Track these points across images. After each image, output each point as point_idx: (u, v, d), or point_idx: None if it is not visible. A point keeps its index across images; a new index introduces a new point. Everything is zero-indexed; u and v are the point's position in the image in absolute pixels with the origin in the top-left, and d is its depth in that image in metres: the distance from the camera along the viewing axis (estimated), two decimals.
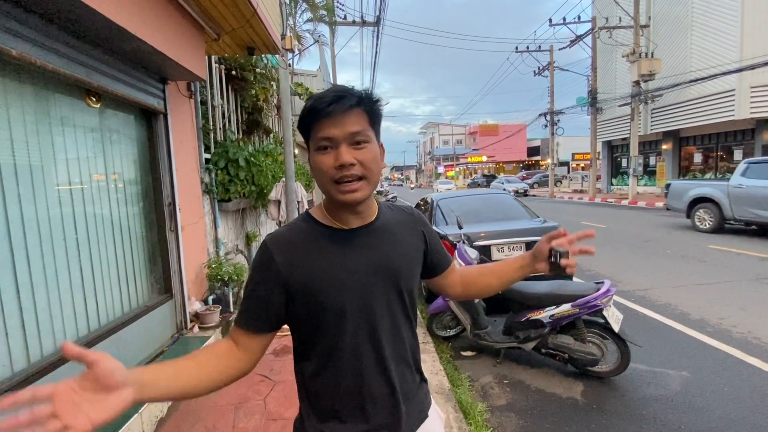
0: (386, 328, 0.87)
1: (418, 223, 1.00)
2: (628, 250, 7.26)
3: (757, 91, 13.99)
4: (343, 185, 0.80)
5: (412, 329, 0.95)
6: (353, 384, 0.85)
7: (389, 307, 0.88)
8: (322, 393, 0.87)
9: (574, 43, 19.85)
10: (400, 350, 0.90)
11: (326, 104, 0.78)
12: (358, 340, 0.85)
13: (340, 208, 0.86)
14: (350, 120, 0.79)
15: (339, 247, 0.86)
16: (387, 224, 0.93)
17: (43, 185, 2.11)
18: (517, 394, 2.86)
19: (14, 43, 1.78)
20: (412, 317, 0.94)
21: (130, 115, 2.92)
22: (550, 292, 2.97)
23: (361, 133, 0.80)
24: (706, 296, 4.63)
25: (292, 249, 0.84)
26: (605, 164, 23.60)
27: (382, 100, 0.86)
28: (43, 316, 2.07)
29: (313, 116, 0.80)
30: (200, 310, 3.47)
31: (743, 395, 2.68)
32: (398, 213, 0.99)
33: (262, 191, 4.90)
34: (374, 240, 0.88)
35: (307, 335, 0.87)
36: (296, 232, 0.88)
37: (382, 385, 0.87)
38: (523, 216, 4.85)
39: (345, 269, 0.84)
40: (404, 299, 0.90)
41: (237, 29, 3.44)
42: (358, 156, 0.79)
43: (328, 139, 0.79)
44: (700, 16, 15.86)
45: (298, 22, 12.50)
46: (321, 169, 0.81)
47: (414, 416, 0.93)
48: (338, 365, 0.85)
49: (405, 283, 0.90)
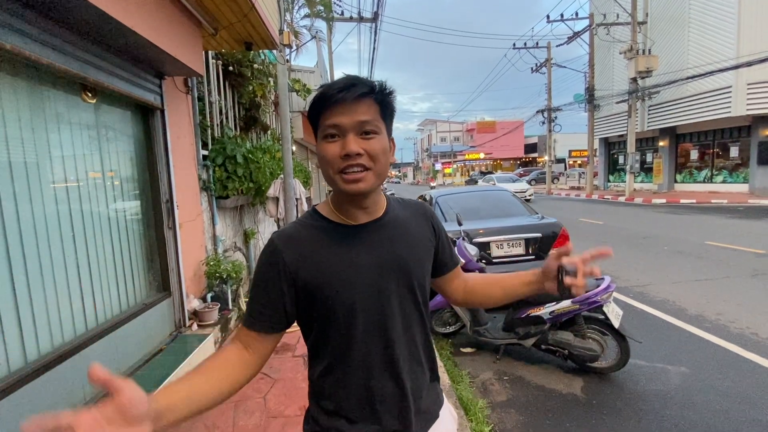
0: (397, 326, 0.85)
1: (428, 217, 0.97)
2: (625, 247, 7.29)
3: (754, 88, 14.05)
4: (348, 174, 0.77)
5: (425, 327, 0.92)
6: (363, 383, 0.83)
7: (401, 305, 0.85)
8: (332, 392, 0.85)
9: (571, 40, 19.84)
10: (411, 349, 0.88)
11: (336, 90, 0.75)
12: (369, 339, 0.83)
13: (346, 201, 0.84)
14: (360, 109, 0.76)
15: (347, 244, 0.83)
16: (396, 219, 0.90)
17: (38, 182, 2.08)
18: (518, 390, 2.86)
19: (7, 36, 1.74)
20: (424, 314, 0.91)
21: (126, 110, 2.89)
22: None
23: (370, 123, 0.77)
24: (703, 292, 4.66)
25: (301, 246, 0.82)
26: (602, 161, 23.68)
27: (395, 93, 0.82)
28: (41, 315, 2.04)
29: (322, 103, 0.77)
30: (199, 308, 3.45)
31: (741, 390, 2.70)
32: (408, 207, 0.96)
33: (260, 188, 4.87)
34: (383, 235, 0.86)
35: (317, 333, 0.86)
36: (303, 229, 0.86)
37: (392, 384, 0.84)
38: (522, 213, 4.85)
39: (354, 266, 0.82)
40: (416, 296, 0.88)
41: (234, 24, 3.40)
42: (366, 146, 0.77)
43: (335, 126, 0.77)
44: (697, 13, 15.89)
45: (296, 17, 12.41)
46: (326, 157, 0.78)
47: (425, 417, 0.90)
48: (348, 363, 0.83)
49: (417, 279, 0.87)
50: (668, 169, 18.67)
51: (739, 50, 13.97)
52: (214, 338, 3.30)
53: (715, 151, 17.26)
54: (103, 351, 2.39)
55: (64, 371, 2.10)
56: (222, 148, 4.22)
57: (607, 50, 20.02)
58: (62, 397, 2.09)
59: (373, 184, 0.80)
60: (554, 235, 4.25)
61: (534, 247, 4.22)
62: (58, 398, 2.06)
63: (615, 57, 19.51)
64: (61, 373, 2.08)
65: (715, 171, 17.22)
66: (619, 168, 22.43)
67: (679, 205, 13.71)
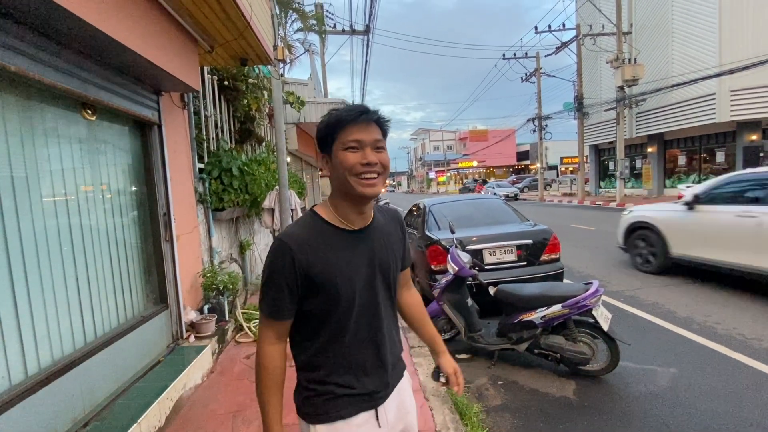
0: (381, 311, 1.08)
1: (399, 224, 1.21)
2: (616, 252, 7.41)
3: (737, 95, 14.45)
4: (365, 179, 0.97)
5: (395, 312, 1.20)
6: (353, 356, 1.05)
7: (383, 295, 1.09)
8: (326, 365, 1.04)
9: (559, 50, 20.29)
10: (388, 328, 1.12)
11: (357, 114, 0.97)
12: (361, 322, 1.04)
13: (352, 204, 1.02)
14: (373, 130, 0.99)
15: (347, 246, 1.03)
16: (380, 225, 1.12)
17: (39, 197, 2.13)
18: (512, 395, 2.92)
19: (11, 58, 1.81)
20: (395, 302, 1.18)
21: (125, 126, 2.95)
22: (540, 294, 3.05)
23: (381, 141, 1.00)
24: (692, 295, 4.77)
25: (309, 247, 0.99)
26: (593, 167, 24.02)
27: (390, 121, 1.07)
28: (40, 328, 2.07)
29: (341, 124, 0.98)
30: (196, 320, 3.47)
31: (728, 389, 2.78)
32: (386, 215, 1.19)
33: (256, 200, 4.93)
34: (372, 240, 1.07)
35: (317, 319, 1.03)
36: (309, 230, 1.02)
37: (375, 356, 1.08)
38: (514, 220, 4.94)
39: (353, 266, 1.02)
40: (391, 288, 1.12)
41: (231, 41, 3.50)
42: (379, 158, 0.99)
43: (357, 141, 0.97)
44: (680, 23, 16.38)
45: (289, 31, 12.61)
46: (347, 163, 0.97)
47: (395, 377, 1.16)
48: (342, 342, 1.03)
49: (393, 275, 1.12)
50: (657, 174, 19.01)
51: (721, 59, 14.39)
52: (211, 350, 3.32)
53: (702, 156, 17.63)
54: (102, 364, 2.42)
55: (65, 384, 2.13)
56: (218, 160, 4.29)
57: (595, 59, 20.47)
58: (62, 410, 2.11)
59: (381, 188, 1.02)
60: (545, 242, 4.35)
61: (525, 254, 4.31)
62: (59, 411, 2.08)
63: (602, 66, 19.95)
64: (62, 386, 2.11)
65: (702, 176, 17.53)
66: (609, 174, 22.76)
67: None
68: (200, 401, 2.79)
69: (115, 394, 2.50)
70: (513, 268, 4.26)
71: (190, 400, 2.80)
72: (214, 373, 3.22)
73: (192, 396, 2.86)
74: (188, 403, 2.76)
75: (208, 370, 3.22)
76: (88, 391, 2.30)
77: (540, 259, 4.32)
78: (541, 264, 4.33)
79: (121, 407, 2.39)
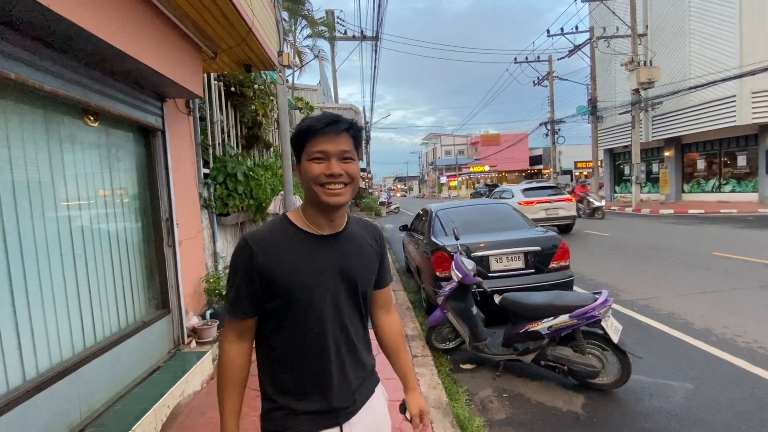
0: (346, 324, 1.04)
1: (377, 238, 1.17)
2: (631, 259, 7.19)
3: (759, 97, 13.98)
4: (329, 189, 0.96)
5: (364, 323, 1.14)
6: (312, 367, 1.01)
7: (347, 305, 1.05)
8: (285, 375, 1.02)
9: (572, 53, 20.02)
10: (353, 340, 1.07)
11: (323, 125, 0.96)
12: (320, 331, 1.00)
13: (320, 212, 1.01)
14: (341, 140, 0.97)
15: (311, 250, 1.01)
16: (352, 234, 1.09)
17: (40, 203, 2.14)
18: (517, 408, 2.81)
19: (12, 66, 1.83)
20: (364, 314, 1.12)
21: (128, 132, 2.98)
22: (547, 303, 2.94)
23: (349, 152, 0.99)
24: (710, 305, 4.56)
25: (270, 247, 0.98)
26: (608, 172, 23.55)
27: (363, 129, 1.05)
28: (40, 332, 2.07)
29: (309, 134, 0.97)
30: (198, 325, 3.47)
31: (748, 407, 2.62)
32: (363, 226, 1.16)
33: (261, 205, 4.94)
34: (341, 247, 1.05)
35: (275, 323, 1.01)
36: (274, 232, 1.02)
37: (337, 367, 1.03)
38: (523, 226, 4.83)
39: (315, 270, 0.99)
40: (359, 299, 1.07)
41: (233, 47, 3.51)
42: (346, 168, 0.98)
43: (322, 152, 0.96)
44: (697, 24, 15.98)
45: (298, 38, 12.73)
46: (312, 173, 0.97)
47: (362, 393, 1.10)
48: (300, 352, 1.01)
49: (362, 286, 1.07)
50: (675, 179, 18.50)
51: (742, 59, 13.97)
52: (212, 355, 3.30)
53: (723, 161, 17.09)
54: (101, 369, 2.41)
55: (62, 389, 2.12)
56: (223, 166, 4.31)
57: (609, 62, 20.14)
58: (59, 414, 2.10)
59: (349, 198, 1.00)
60: (554, 249, 4.23)
61: (533, 261, 4.19)
62: (56, 416, 2.08)
63: (617, 69, 19.62)
64: (59, 391, 2.10)
65: (723, 180, 17.01)
66: (625, 179, 22.28)
67: (687, 216, 13.54)
68: (198, 408, 2.77)
69: (113, 400, 2.49)
70: (520, 276, 4.14)
71: (188, 407, 2.78)
72: (214, 380, 3.19)
73: (190, 403, 2.83)
74: (186, 410, 2.74)
75: (209, 376, 3.20)
76: (85, 397, 2.29)
77: (548, 267, 4.20)
78: (550, 272, 4.20)
79: (118, 414, 2.38)
